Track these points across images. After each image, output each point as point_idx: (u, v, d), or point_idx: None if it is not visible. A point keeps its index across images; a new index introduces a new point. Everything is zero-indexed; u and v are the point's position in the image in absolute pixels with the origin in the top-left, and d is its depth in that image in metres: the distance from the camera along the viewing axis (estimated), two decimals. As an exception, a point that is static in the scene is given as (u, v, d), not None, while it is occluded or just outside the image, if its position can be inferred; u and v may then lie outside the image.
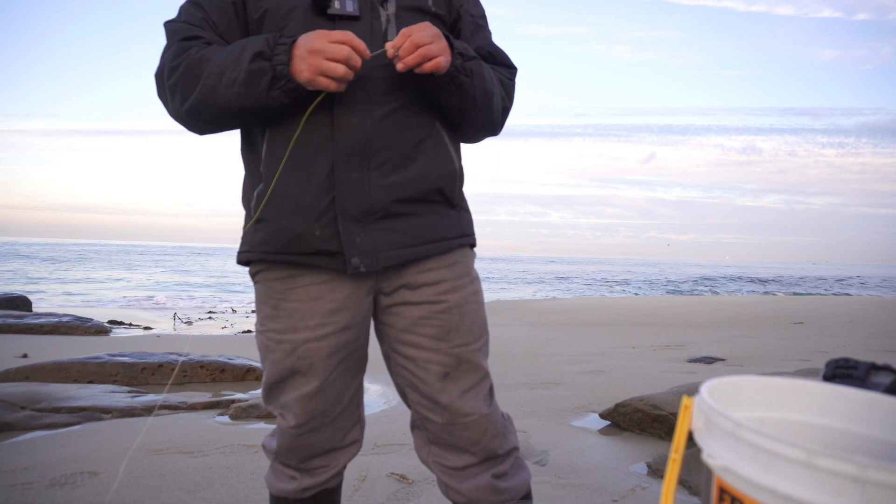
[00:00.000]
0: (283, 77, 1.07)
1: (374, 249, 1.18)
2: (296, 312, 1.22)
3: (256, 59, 1.07)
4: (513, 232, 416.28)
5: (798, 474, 0.47)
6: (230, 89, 1.09)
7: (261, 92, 1.08)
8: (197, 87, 1.12)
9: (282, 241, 1.19)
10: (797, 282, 37.23)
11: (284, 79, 1.07)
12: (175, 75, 1.14)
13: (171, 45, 1.17)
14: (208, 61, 1.11)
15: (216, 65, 1.10)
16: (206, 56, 1.12)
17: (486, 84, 1.21)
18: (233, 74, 1.08)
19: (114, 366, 4.26)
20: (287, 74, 1.07)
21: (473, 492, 1.29)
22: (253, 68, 1.07)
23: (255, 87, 1.08)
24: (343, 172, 1.15)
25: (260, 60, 1.07)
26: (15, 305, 9.31)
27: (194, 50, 1.14)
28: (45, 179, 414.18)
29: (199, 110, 1.15)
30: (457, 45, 1.15)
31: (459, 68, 1.15)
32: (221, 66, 1.10)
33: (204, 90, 1.11)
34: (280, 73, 1.07)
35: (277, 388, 1.28)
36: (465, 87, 1.17)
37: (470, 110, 1.21)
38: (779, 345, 6.27)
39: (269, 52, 1.07)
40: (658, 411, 2.87)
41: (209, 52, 1.13)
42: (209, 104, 1.12)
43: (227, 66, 1.09)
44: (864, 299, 15.22)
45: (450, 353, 1.24)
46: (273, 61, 1.07)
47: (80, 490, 2.14)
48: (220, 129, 1.23)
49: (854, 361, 0.72)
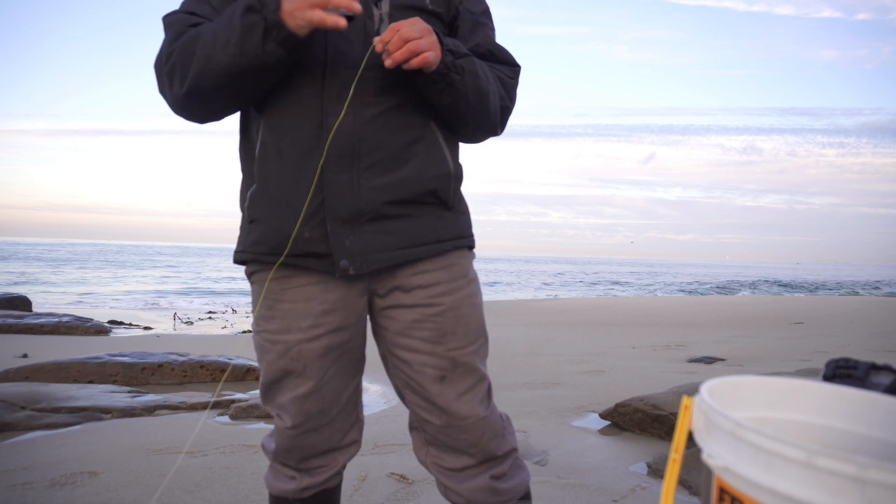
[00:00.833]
0: (276, 25, 1.05)
1: (364, 252, 1.17)
2: (290, 313, 1.22)
3: (247, 13, 1.06)
4: (513, 232, 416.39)
5: (798, 474, 0.47)
6: (226, 51, 1.08)
7: (256, 46, 1.06)
8: (193, 62, 1.10)
9: (273, 242, 1.19)
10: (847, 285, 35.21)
11: (276, 27, 1.06)
12: (172, 58, 1.13)
13: (168, 36, 1.16)
14: (202, 34, 1.11)
15: (209, 33, 1.09)
16: (200, 31, 1.11)
17: (479, 82, 1.18)
18: (226, 35, 1.07)
19: (114, 366, 4.26)
20: (279, 21, 1.05)
21: (472, 493, 1.29)
22: (245, 23, 1.06)
23: (250, 42, 1.06)
24: (332, 174, 1.14)
25: (251, 14, 1.06)
26: (15, 305, 9.31)
27: (191, 31, 1.13)
28: (45, 179, 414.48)
29: (197, 86, 1.12)
30: (447, 41, 1.14)
31: (450, 65, 1.13)
32: (215, 33, 1.09)
33: (200, 61, 1.10)
34: (272, 21, 1.05)
35: (273, 389, 1.28)
36: (457, 84, 1.15)
37: (463, 110, 1.19)
38: (779, 345, 6.27)
39: (258, 4, 1.06)
40: (658, 411, 2.87)
41: (203, 28, 1.12)
42: (206, 76, 1.10)
43: (220, 30, 1.08)
44: (864, 299, 15.22)
45: (445, 357, 1.24)
46: (263, 12, 1.06)
47: (80, 490, 2.14)
48: (220, 111, 1.21)
49: (854, 361, 0.72)
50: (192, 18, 1.17)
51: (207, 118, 1.22)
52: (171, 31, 1.16)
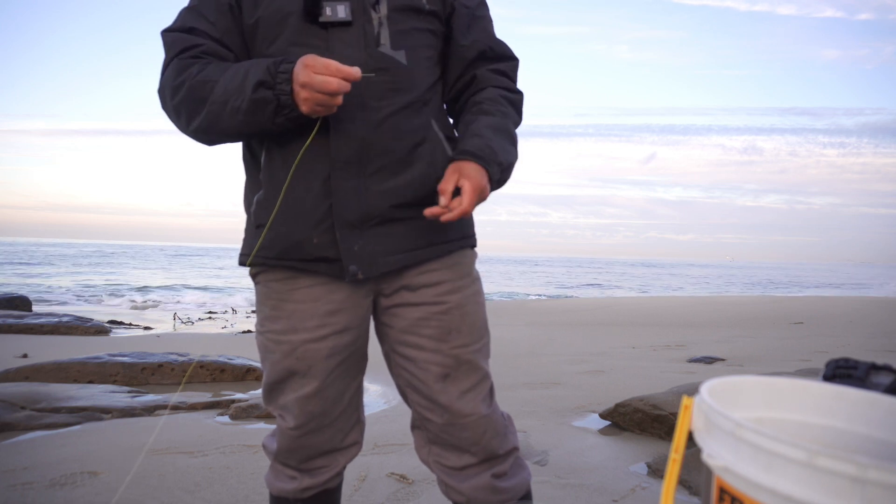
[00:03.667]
0: (288, 106, 1.07)
1: (372, 256, 1.18)
2: (295, 314, 1.23)
3: (259, 88, 1.06)
4: (513, 232, 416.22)
5: (798, 474, 0.47)
6: (235, 117, 1.10)
7: (266, 119, 1.09)
8: (202, 113, 1.12)
9: (281, 246, 1.19)
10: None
11: (289, 108, 1.07)
12: (178, 96, 1.14)
13: (171, 60, 1.17)
14: (211, 84, 1.11)
15: (220, 92, 1.10)
16: (209, 78, 1.12)
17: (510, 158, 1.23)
18: (236, 103, 1.09)
19: (114, 366, 4.26)
20: (291, 104, 1.06)
21: (473, 491, 1.29)
22: (256, 98, 1.07)
23: (260, 115, 1.08)
24: (340, 180, 1.15)
25: (263, 90, 1.06)
26: (15, 305, 9.31)
27: (195, 69, 1.13)
28: (45, 179, 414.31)
29: (205, 132, 1.16)
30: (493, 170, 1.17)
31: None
32: (225, 94, 1.09)
33: (210, 116, 1.12)
34: (284, 102, 1.06)
35: (277, 389, 1.28)
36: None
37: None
38: (779, 345, 6.26)
39: (271, 80, 1.06)
40: (658, 411, 2.87)
41: (211, 73, 1.12)
42: (215, 129, 1.14)
43: (231, 94, 1.09)
44: (864, 299, 15.21)
45: (449, 354, 1.24)
46: (276, 90, 1.06)
47: (80, 490, 2.14)
48: (227, 143, 1.24)
49: (854, 361, 0.72)
50: (192, 38, 1.17)
51: (216, 145, 1.24)
52: (172, 55, 1.17)
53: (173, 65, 1.16)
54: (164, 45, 1.20)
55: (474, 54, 1.28)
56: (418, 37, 1.21)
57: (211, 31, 1.18)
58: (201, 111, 1.12)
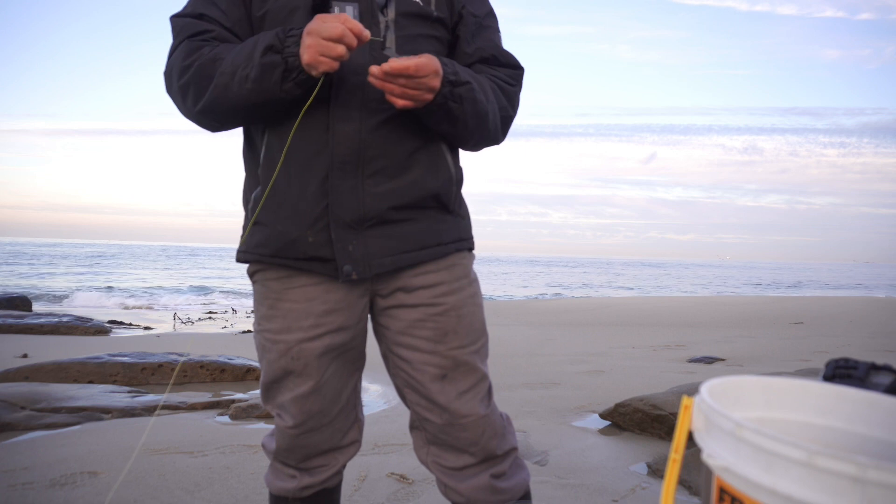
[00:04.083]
0: (295, 69, 1.07)
1: (367, 256, 1.18)
2: (291, 313, 1.23)
3: (268, 52, 1.07)
4: (513, 232, 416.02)
5: (798, 474, 0.47)
6: (243, 86, 1.09)
7: (273, 85, 1.08)
8: (210, 88, 1.12)
9: (277, 245, 1.19)
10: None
11: (296, 70, 1.07)
12: (186, 76, 1.14)
13: (180, 43, 1.17)
14: (220, 61, 1.11)
15: (228, 63, 1.10)
16: (218, 55, 1.12)
17: (478, 107, 1.18)
18: (245, 71, 1.09)
19: (114, 366, 4.26)
20: (299, 66, 1.07)
21: (472, 492, 1.29)
22: (265, 62, 1.07)
23: (268, 80, 1.08)
24: (337, 180, 1.15)
25: (271, 54, 1.07)
26: (15, 305, 9.31)
27: (206, 49, 1.14)
28: (45, 179, 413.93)
29: (212, 109, 1.15)
30: (448, 70, 1.12)
31: (447, 95, 1.12)
32: (233, 64, 1.10)
33: (217, 89, 1.11)
34: (292, 64, 1.07)
35: (274, 389, 1.29)
36: (455, 112, 1.15)
37: (462, 133, 1.21)
38: (779, 345, 6.27)
39: (279, 44, 1.07)
40: (658, 411, 2.87)
41: (221, 52, 1.13)
42: (222, 103, 1.13)
43: (239, 64, 1.09)
44: (864, 299, 15.21)
45: (446, 356, 1.24)
46: (284, 53, 1.07)
47: (80, 490, 2.14)
48: (233, 126, 1.24)
49: (854, 361, 0.72)
50: (202, 24, 1.18)
51: (218, 130, 1.24)
52: (181, 39, 1.17)
53: (182, 46, 1.16)
54: (172, 29, 1.20)
55: (477, 59, 1.28)
56: (424, 43, 1.21)
57: (221, 19, 1.19)
58: (208, 87, 1.12)
